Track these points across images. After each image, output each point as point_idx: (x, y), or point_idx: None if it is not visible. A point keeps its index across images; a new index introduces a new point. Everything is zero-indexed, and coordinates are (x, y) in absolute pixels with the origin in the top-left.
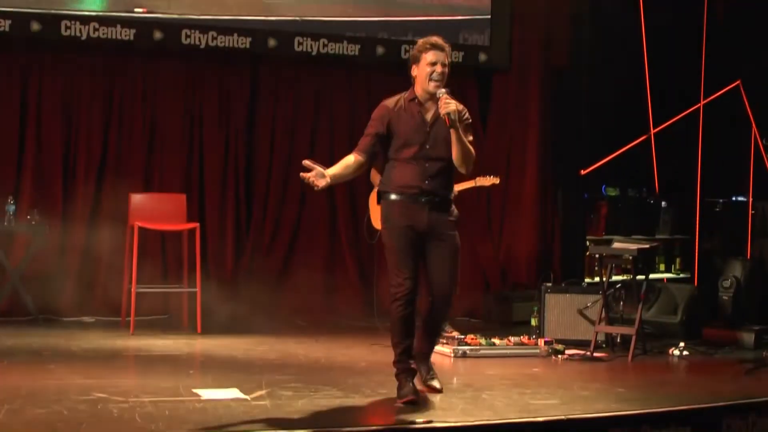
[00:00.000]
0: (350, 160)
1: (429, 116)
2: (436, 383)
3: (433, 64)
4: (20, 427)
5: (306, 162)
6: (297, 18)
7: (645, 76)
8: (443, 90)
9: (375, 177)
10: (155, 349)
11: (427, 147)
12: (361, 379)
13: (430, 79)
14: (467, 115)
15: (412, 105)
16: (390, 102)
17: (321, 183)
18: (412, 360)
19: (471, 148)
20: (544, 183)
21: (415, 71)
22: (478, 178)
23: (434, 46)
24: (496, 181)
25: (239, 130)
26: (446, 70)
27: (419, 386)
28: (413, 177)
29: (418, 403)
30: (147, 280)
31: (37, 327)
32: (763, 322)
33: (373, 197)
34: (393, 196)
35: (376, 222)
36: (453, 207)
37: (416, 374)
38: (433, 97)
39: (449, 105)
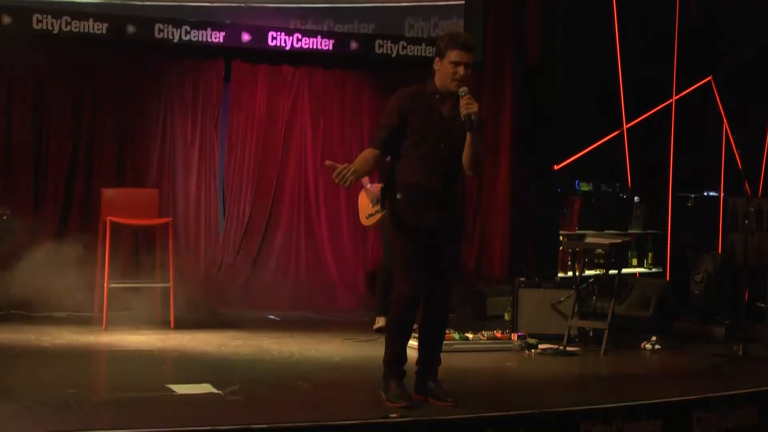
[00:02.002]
0: (368, 155)
1: (447, 113)
2: (449, 397)
3: (457, 64)
4: None
5: (328, 163)
6: (242, 4)
7: (618, 72)
8: (465, 89)
9: (364, 178)
10: (128, 344)
11: (442, 146)
12: (334, 374)
13: (453, 80)
14: (481, 115)
15: (433, 99)
16: (407, 92)
17: (353, 178)
18: (403, 363)
19: (483, 151)
20: (517, 178)
21: (437, 65)
22: None
23: (461, 45)
24: None
25: (212, 124)
26: (469, 71)
27: (433, 401)
28: (426, 176)
29: (412, 407)
30: (119, 275)
31: (9, 322)
32: (734, 316)
33: (363, 196)
34: (400, 196)
35: (363, 219)
36: (459, 205)
37: (405, 376)
38: (452, 95)
39: (472, 106)
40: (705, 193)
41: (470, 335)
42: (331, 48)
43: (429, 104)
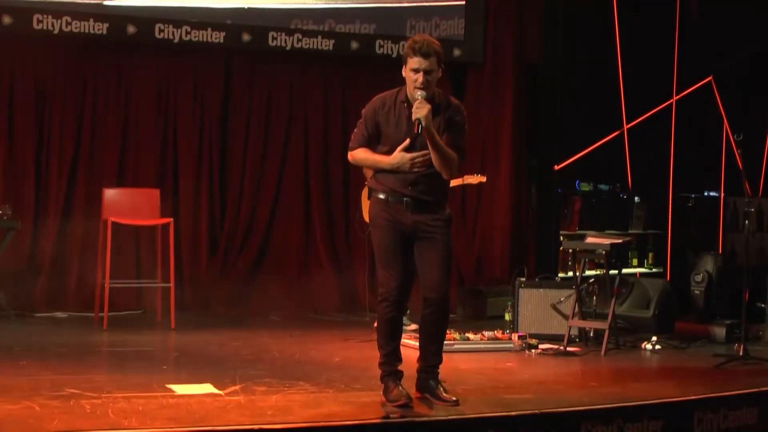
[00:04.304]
0: (366, 152)
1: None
2: (450, 396)
3: (416, 71)
4: None
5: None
6: (244, 6)
7: (618, 72)
8: (421, 93)
9: (368, 171)
10: (128, 344)
11: (413, 151)
12: (335, 374)
13: (414, 87)
14: (459, 117)
15: (402, 108)
16: (380, 100)
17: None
18: (398, 362)
19: (450, 152)
20: (518, 178)
21: (404, 72)
22: (466, 177)
23: (417, 52)
24: (483, 179)
25: (213, 125)
26: (431, 77)
27: (433, 401)
28: (397, 183)
29: (412, 407)
30: (120, 276)
31: (9, 323)
32: (735, 316)
33: (365, 193)
34: (380, 195)
35: (367, 216)
36: (444, 207)
37: (403, 376)
38: (428, 99)
39: (420, 110)
40: (705, 193)
41: (471, 335)
42: (331, 48)
43: (398, 113)
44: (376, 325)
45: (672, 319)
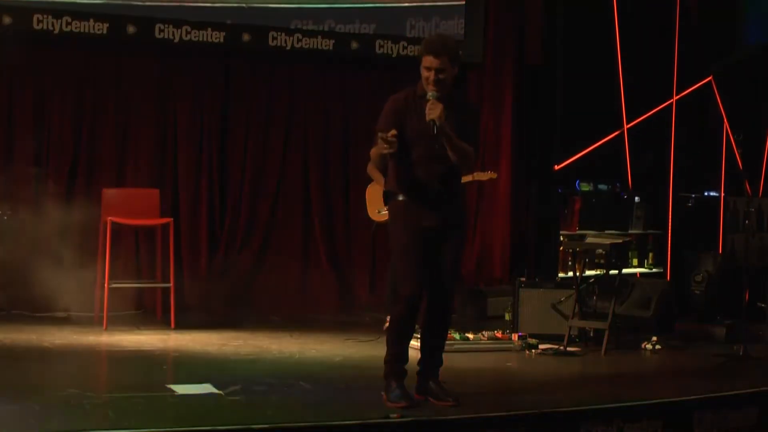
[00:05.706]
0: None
1: None
2: (450, 397)
3: (428, 69)
4: None
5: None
6: (243, 5)
7: (618, 72)
8: (433, 93)
9: (374, 171)
10: (129, 344)
11: (437, 147)
12: (334, 374)
13: (426, 84)
14: (475, 113)
15: (422, 102)
16: (401, 96)
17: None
18: (403, 363)
19: (467, 148)
20: (518, 178)
21: (421, 69)
22: (476, 173)
23: (429, 51)
24: (494, 175)
25: (213, 124)
26: (443, 75)
27: (433, 402)
28: (422, 178)
29: (412, 407)
30: (120, 276)
31: (10, 322)
32: (735, 316)
33: (370, 190)
34: (401, 197)
35: (373, 214)
36: (460, 200)
37: (406, 376)
38: (441, 97)
39: (432, 111)
40: (705, 193)
41: (471, 335)
42: (331, 48)
43: (419, 108)
44: (385, 326)
45: (672, 320)
